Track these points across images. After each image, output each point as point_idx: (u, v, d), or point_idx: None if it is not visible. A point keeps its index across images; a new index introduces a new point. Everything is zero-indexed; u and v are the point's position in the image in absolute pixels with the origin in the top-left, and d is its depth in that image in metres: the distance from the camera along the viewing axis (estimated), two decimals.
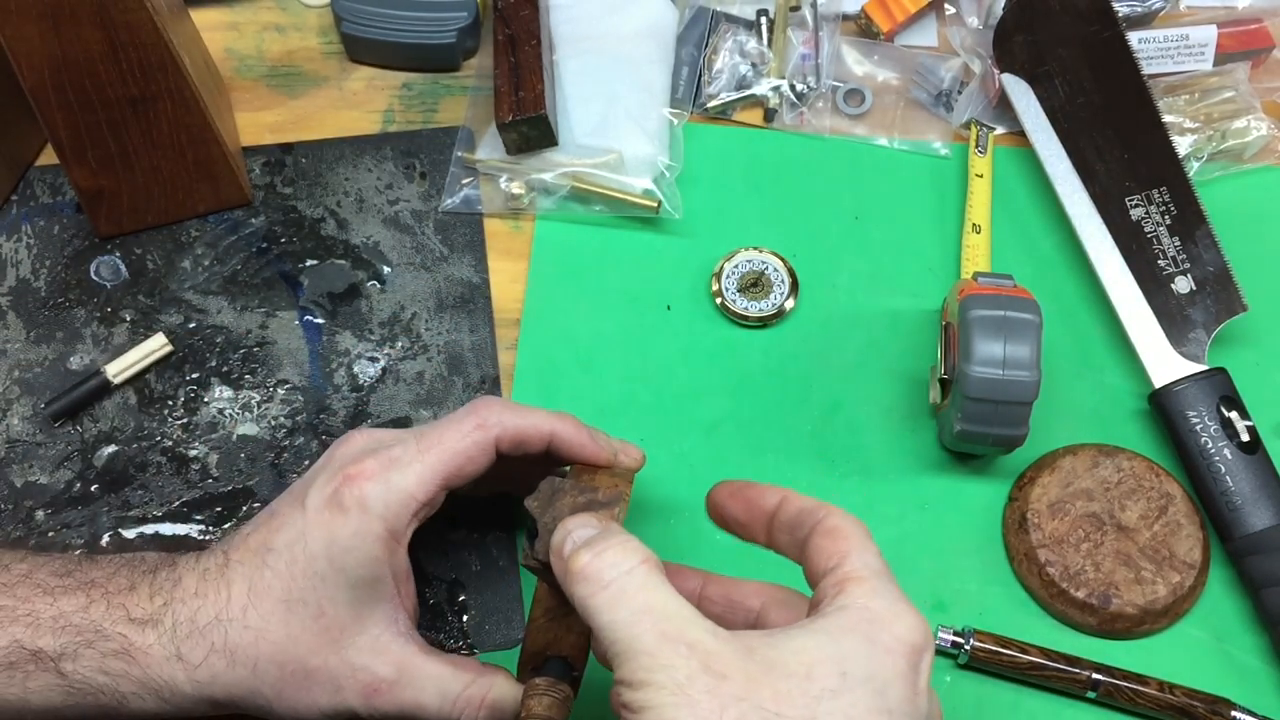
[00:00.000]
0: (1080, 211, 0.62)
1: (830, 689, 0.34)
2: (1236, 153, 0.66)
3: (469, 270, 0.63)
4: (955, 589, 0.56)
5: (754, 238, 0.64)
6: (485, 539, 0.56)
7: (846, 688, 0.34)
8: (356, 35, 0.66)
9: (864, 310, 0.62)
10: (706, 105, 0.68)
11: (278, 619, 0.43)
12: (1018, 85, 0.65)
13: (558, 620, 0.46)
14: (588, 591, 0.37)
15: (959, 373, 0.54)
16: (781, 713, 0.33)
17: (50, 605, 0.43)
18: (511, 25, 0.64)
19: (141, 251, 0.62)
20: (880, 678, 0.35)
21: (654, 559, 0.38)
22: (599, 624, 0.36)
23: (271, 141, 0.65)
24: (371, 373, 0.60)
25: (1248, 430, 0.56)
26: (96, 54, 0.54)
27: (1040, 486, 0.56)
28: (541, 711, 0.43)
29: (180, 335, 0.60)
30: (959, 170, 0.67)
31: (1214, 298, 0.60)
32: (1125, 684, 0.52)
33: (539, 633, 0.46)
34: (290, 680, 0.44)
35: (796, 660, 0.35)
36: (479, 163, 0.65)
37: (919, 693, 0.36)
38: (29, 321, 0.60)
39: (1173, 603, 0.54)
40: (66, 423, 0.58)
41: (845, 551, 0.38)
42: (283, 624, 0.43)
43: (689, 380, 0.60)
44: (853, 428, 0.59)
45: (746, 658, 0.35)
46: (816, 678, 0.34)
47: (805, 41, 0.69)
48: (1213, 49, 0.67)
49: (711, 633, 0.35)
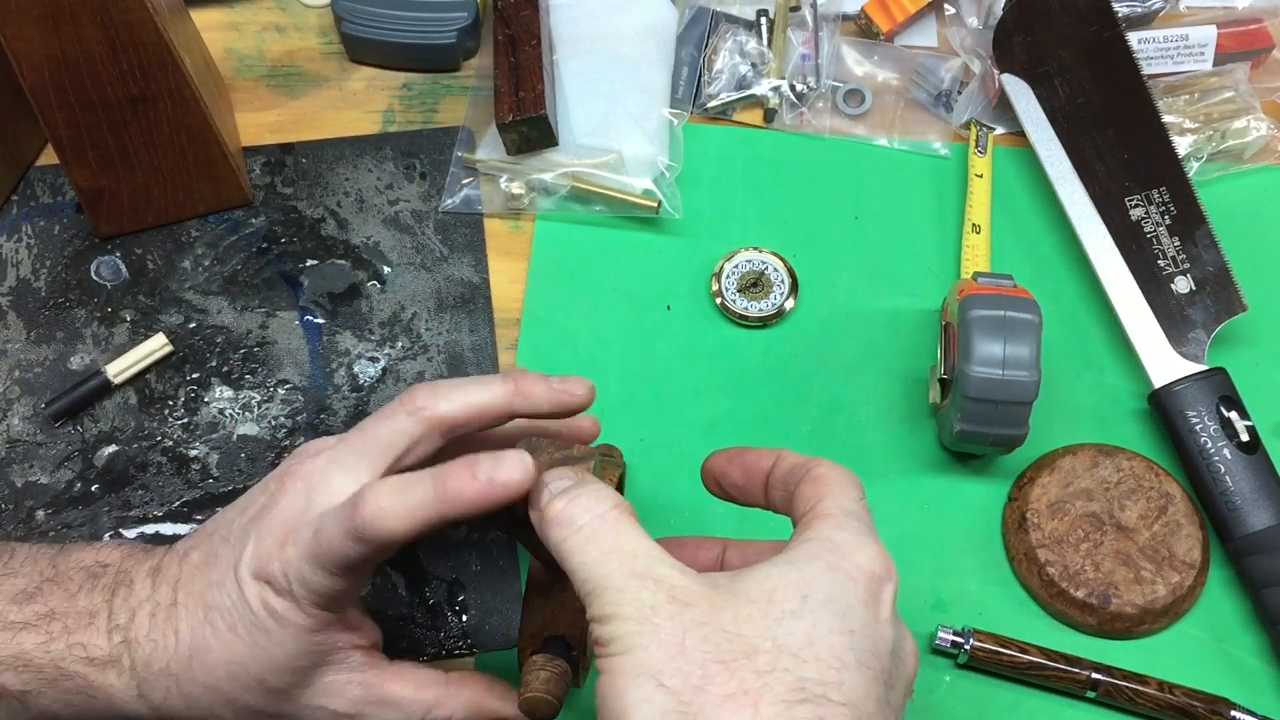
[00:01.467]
0: (1080, 211, 0.62)
1: (790, 610, 0.35)
2: (1236, 153, 0.66)
3: (469, 270, 0.63)
4: (955, 589, 0.56)
5: (754, 238, 0.64)
6: (485, 539, 0.56)
7: (807, 609, 0.35)
8: (356, 35, 0.66)
9: (864, 310, 0.63)
10: (706, 105, 0.68)
11: (222, 675, 0.43)
12: (1018, 85, 0.65)
13: (552, 599, 0.46)
14: (562, 535, 0.38)
15: (959, 373, 0.54)
16: (742, 633, 0.35)
17: (10, 641, 0.43)
18: (511, 25, 0.64)
19: (142, 251, 0.62)
20: (841, 601, 0.36)
21: (626, 505, 0.39)
22: (572, 566, 0.38)
23: (271, 141, 0.65)
24: (372, 373, 0.60)
25: (1247, 430, 0.56)
26: (97, 54, 0.54)
27: (1040, 486, 0.56)
28: (539, 687, 0.43)
29: (180, 335, 0.60)
30: (959, 170, 0.67)
31: (1214, 298, 0.60)
32: (1125, 684, 0.52)
33: (534, 613, 0.46)
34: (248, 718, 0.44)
35: (759, 588, 0.36)
36: (479, 163, 0.65)
37: (881, 621, 0.37)
38: (29, 321, 0.60)
39: (1172, 603, 0.54)
40: (67, 423, 0.58)
41: (822, 494, 0.40)
42: (227, 680, 0.43)
43: (689, 380, 0.60)
44: (853, 428, 0.60)
45: (711, 588, 0.36)
46: (777, 601, 0.36)
47: (805, 42, 0.69)
48: (1212, 49, 0.67)
49: (679, 570, 0.37)
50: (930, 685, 0.54)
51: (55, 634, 0.43)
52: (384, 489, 0.40)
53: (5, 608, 0.43)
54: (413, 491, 0.40)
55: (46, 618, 0.43)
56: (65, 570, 0.45)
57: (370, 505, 0.40)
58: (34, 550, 0.46)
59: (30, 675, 0.43)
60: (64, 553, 0.46)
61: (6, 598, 0.44)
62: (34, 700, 0.43)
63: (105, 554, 0.46)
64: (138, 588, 0.44)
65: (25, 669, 0.43)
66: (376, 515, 0.39)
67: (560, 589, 0.46)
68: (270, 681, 0.43)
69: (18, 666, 0.43)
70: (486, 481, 0.40)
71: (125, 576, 0.45)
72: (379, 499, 0.40)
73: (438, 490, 0.40)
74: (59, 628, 0.43)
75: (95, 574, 0.45)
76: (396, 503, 0.40)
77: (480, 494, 0.40)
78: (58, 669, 0.43)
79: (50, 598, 0.44)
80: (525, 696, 0.43)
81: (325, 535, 0.41)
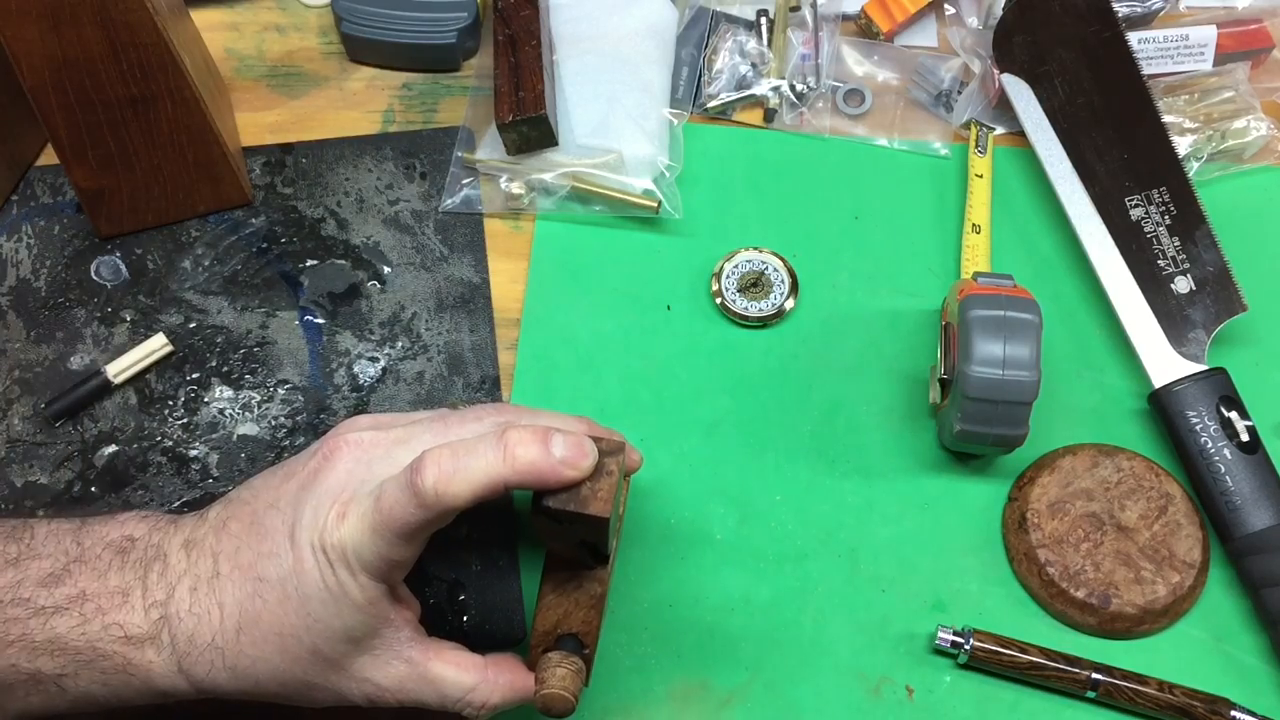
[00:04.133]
0: (1080, 211, 0.62)
1: None
2: (1236, 153, 0.66)
3: (469, 270, 0.63)
4: (955, 589, 0.56)
5: (754, 238, 0.64)
6: (485, 539, 0.56)
7: None
8: (356, 35, 0.66)
9: (864, 310, 0.63)
10: (706, 105, 0.68)
11: (272, 648, 0.42)
12: (1017, 85, 0.65)
13: (567, 596, 0.46)
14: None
15: (959, 373, 0.54)
16: None
17: (43, 626, 0.42)
18: (511, 25, 0.64)
19: (142, 251, 0.62)
20: None
21: None
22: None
23: (271, 141, 0.65)
24: (372, 373, 0.60)
25: (1247, 430, 0.56)
26: (97, 54, 0.54)
27: (1040, 486, 0.56)
28: (556, 684, 0.43)
29: (180, 335, 0.60)
30: (959, 170, 0.67)
31: (1213, 298, 0.60)
32: (1125, 684, 0.52)
33: (549, 609, 0.46)
34: (292, 691, 0.44)
35: None
36: (479, 163, 0.65)
37: None
38: (29, 321, 0.60)
39: (1172, 603, 0.54)
40: (67, 423, 0.58)
41: None
42: (278, 653, 0.42)
43: (689, 380, 0.60)
44: (853, 428, 0.59)
45: None
46: None
47: (805, 42, 0.69)
48: (1212, 49, 0.67)
49: None
50: (930, 685, 0.54)
51: (89, 615, 0.42)
52: (447, 453, 0.40)
53: (34, 592, 0.43)
54: (478, 457, 0.40)
55: (78, 600, 0.43)
56: (91, 548, 0.44)
57: (433, 470, 0.39)
58: (54, 527, 0.45)
59: (67, 659, 0.42)
60: (86, 528, 0.45)
61: (34, 581, 0.43)
62: (70, 683, 0.42)
63: (130, 527, 0.45)
64: (173, 562, 0.44)
65: (61, 653, 0.42)
66: (440, 480, 0.39)
67: (575, 586, 0.46)
68: (323, 652, 0.42)
69: (53, 651, 0.42)
70: (560, 462, 0.40)
71: (156, 551, 0.44)
72: (442, 463, 0.40)
73: (507, 458, 0.40)
74: (92, 609, 0.42)
75: (123, 549, 0.44)
76: (461, 467, 0.40)
77: (552, 471, 0.40)
78: (94, 650, 0.42)
79: (80, 578, 0.43)
80: (543, 692, 0.43)
81: (386, 501, 0.40)
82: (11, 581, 0.43)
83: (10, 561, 0.43)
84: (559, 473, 0.40)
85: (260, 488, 0.45)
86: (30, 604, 0.42)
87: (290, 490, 0.43)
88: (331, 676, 0.43)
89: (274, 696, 0.44)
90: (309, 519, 0.42)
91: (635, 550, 0.56)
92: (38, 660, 0.42)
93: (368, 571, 0.41)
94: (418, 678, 0.44)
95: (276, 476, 0.45)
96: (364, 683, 0.44)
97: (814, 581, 0.56)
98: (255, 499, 0.44)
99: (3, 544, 0.44)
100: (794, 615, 0.55)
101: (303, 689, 0.44)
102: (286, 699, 0.44)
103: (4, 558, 0.44)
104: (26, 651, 0.42)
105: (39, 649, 0.42)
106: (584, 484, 0.41)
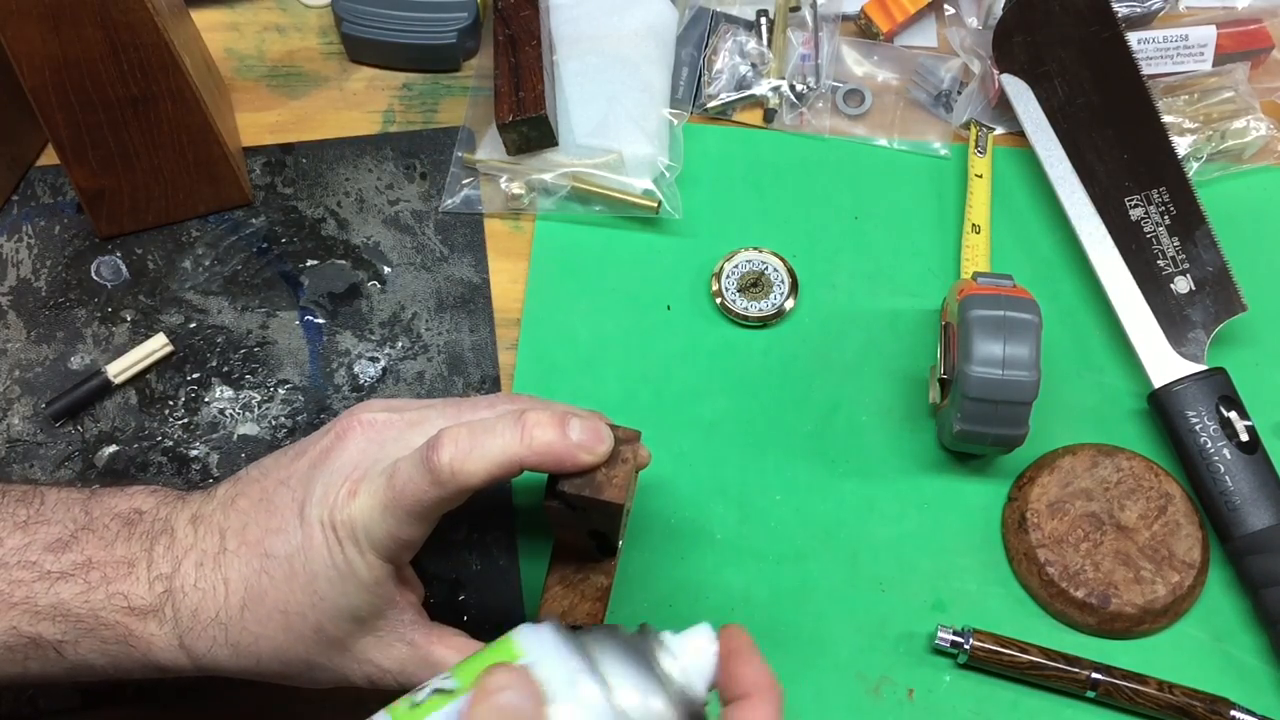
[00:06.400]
0: (1080, 211, 0.62)
1: None
2: (1236, 153, 0.66)
3: (469, 270, 0.63)
4: (955, 589, 0.56)
5: (754, 238, 0.64)
6: (485, 539, 0.56)
7: None
8: (357, 35, 0.66)
9: (864, 310, 0.63)
10: (706, 105, 0.68)
11: (276, 625, 0.42)
12: (1017, 86, 0.65)
13: (573, 588, 0.46)
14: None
15: (959, 373, 0.54)
16: None
17: (47, 591, 0.42)
18: (511, 25, 0.64)
19: (142, 251, 0.62)
20: None
21: None
22: None
23: (272, 142, 0.65)
24: (372, 373, 0.60)
25: (1247, 430, 0.56)
26: (97, 54, 0.54)
27: (1040, 486, 0.56)
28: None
29: (181, 335, 0.60)
30: (959, 170, 0.67)
31: (1213, 298, 0.60)
32: (1125, 683, 0.52)
33: (554, 600, 0.46)
34: (293, 670, 0.44)
35: None
36: (479, 163, 0.65)
37: None
38: (30, 321, 0.60)
39: (1172, 602, 0.54)
40: (67, 422, 0.58)
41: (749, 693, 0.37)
42: (281, 630, 0.42)
43: (689, 380, 0.60)
44: (853, 428, 0.60)
45: None
46: None
47: (805, 42, 0.69)
48: (1212, 49, 0.67)
49: None
50: (930, 685, 0.54)
51: (94, 583, 0.42)
52: (465, 432, 0.40)
53: (41, 556, 0.43)
54: (495, 436, 0.40)
55: (84, 567, 0.43)
56: (99, 517, 0.44)
57: (450, 447, 0.39)
58: (64, 494, 0.45)
59: (68, 625, 0.42)
60: (95, 498, 0.45)
61: (41, 546, 0.43)
62: (70, 650, 0.42)
63: (139, 500, 0.45)
64: (180, 536, 0.44)
65: (63, 619, 0.42)
66: (456, 457, 0.39)
67: (581, 578, 0.46)
68: (328, 631, 0.42)
69: (55, 616, 0.42)
70: (576, 445, 0.40)
71: (164, 524, 0.44)
72: (459, 441, 0.39)
73: (524, 439, 0.40)
74: (98, 577, 0.43)
75: (131, 521, 0.44)
76: (477, 445, 0.39)
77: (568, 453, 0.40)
78: (97, 619, 0.42)
79: (87, 546, 0.43)
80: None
81: (400, 479, 0.40)
82: (20, 544, 0.43)
83: (20, 525, 0.44)
84: (575, 456, 0.41)
85: (271, 466, 0.45)
86: (37, 567, 0.43)
87: (301, 468, 0.44)
88: (334, 656, 0.43)
89: (275, 676, 0.44)
90: (319, 496, 0.42)
91: (635, 550, 0.56)
92: (39, 624, 0.42)
93: (376, 550, 0.41)
94: (419, 660, 0.44)
95: (288, 455, 0.45)
96: (366, 663, 0.44)
97: (814, 581, 0.56)
98: (265, 476, 0.44)
99: (13, 507, 0.44)
100: (794, 615, 0.55)
101: (304, 668, 0.43)
102: (287, 679, 0.44)
103: (14, 521, 0.44)
104: (29, 615, 0.42)
105: (42, 613, 0.42)
106: (599, 470, 0.41)
